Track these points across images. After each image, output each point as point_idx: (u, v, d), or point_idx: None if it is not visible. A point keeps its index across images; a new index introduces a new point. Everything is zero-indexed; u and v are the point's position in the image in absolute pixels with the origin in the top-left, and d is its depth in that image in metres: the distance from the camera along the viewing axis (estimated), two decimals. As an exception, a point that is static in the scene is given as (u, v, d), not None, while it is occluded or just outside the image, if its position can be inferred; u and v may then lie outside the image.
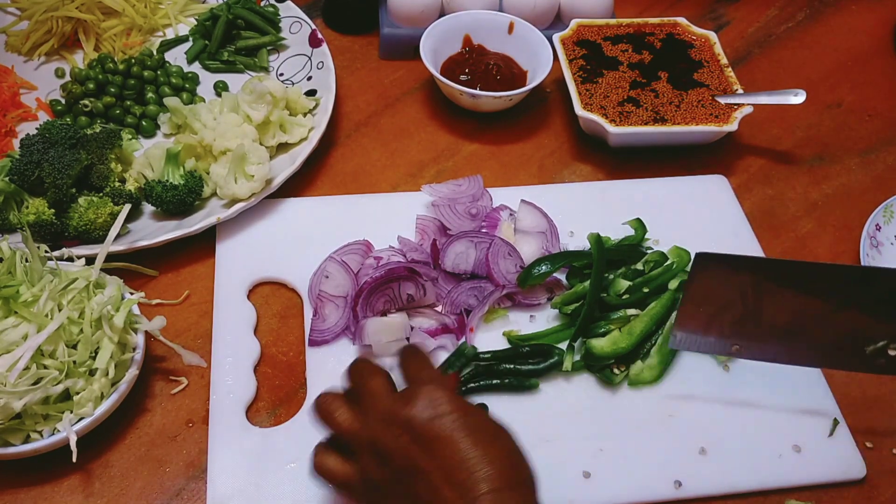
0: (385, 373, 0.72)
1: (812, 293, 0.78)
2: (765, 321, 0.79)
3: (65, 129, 0.97)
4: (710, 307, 0.79)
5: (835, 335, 0.80)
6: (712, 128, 1.11)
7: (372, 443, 0.66)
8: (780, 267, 0.79)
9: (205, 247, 0.99)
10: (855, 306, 0.78)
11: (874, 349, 0.80)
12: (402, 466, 0.64)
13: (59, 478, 0.81)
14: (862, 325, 0.79)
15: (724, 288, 0.78)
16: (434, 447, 0.63)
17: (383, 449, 0.65)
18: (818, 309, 0.78)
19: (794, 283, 0.78)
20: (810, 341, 0.80)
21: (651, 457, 0.85)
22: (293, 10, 1.25)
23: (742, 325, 0.80)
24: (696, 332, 0.80)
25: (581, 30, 1.23)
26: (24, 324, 0.79)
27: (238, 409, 0.85)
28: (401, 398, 0.67)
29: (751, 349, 0.81)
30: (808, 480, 0.85)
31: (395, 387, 0.71)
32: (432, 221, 1.01)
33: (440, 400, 0.65)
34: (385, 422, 0.66)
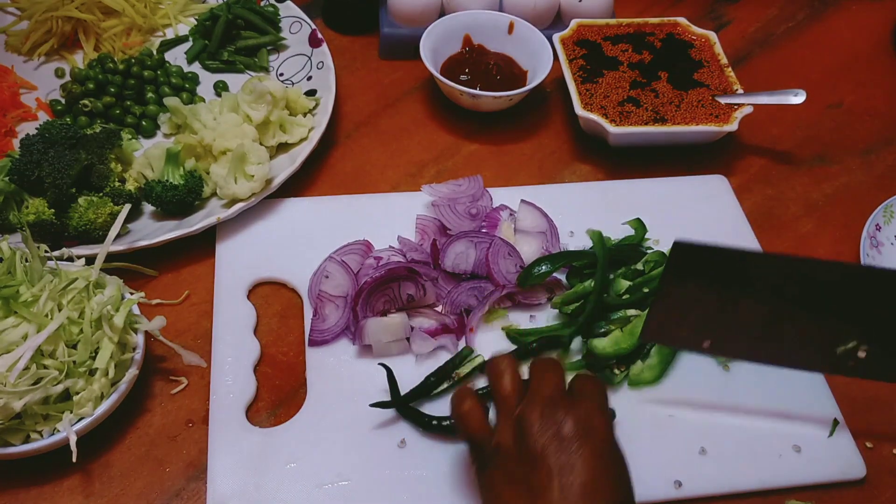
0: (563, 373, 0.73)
1: (787, 290, 0.77)
2: (738, 317, 0.78)
3: (65, 129, 0.97)
4: (685, 299, 0.78)
5: (806, 335, 0.79)
6: (712, 128, 1.11)
7: (521, 418, 0.68)
8: (757, 260, 0.77)
9: (205, 247, 0.99)
10: (828, 305, 0.77)
11: (844, 350, 0.80)
12: (534, 453, 0.66)
13: (59, 478, 0.81)
14: (833, 325, 0.78)
15: (700, 279, 0.76)
16: (569, 457, 0.65)
17: (528, 430, 0.67)
18: (791, 307, 0.78)
19: (770, 277, 0.77)
20: (781, 340, 0.80)
21: (651, 457, 0.85)
22: (293, 10, 1.25)
23: (715, 321, 0.79)
24: (670, 324, 0.79)
25: (581, 30, 1.23)
26: (24, 324, 0.79)
27: (238, 409, 0.86)
28: (568, 398, 0.69)
29: (722, 346, 0.80)
30: (808, 480, 0.85)
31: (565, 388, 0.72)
32: (432, 221, 1.01)
33: (598, 420, 0.68)
34: (543, 409, 0.68)
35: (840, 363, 0.81)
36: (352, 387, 0.88)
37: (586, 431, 0.66)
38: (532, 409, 0.68)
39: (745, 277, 0.77)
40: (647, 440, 0.86)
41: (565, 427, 0.66)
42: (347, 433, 0.85)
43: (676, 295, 0.78)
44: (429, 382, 0.87)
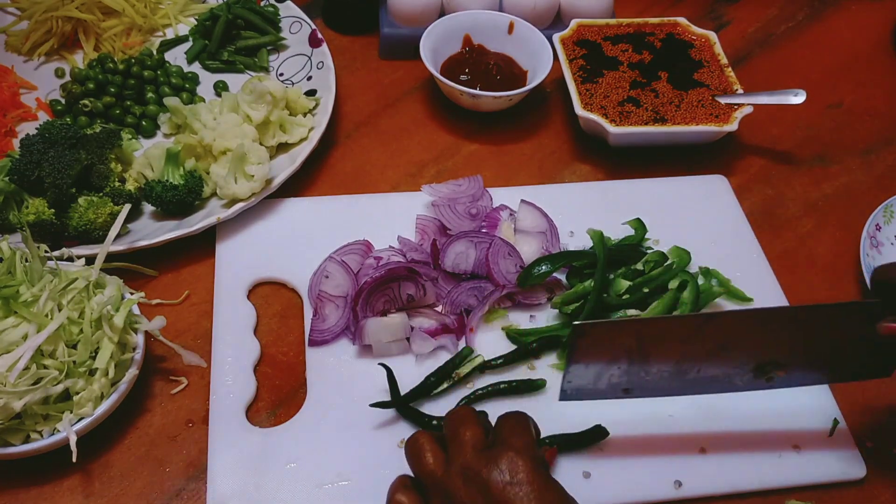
0: (481, 426, 0.72)
1: (694, 339, 0.78)
2: (652, 369, 0.79)
3: (65, 129, 0.97)
4: (597, 365, 0.79)
5: (723, 367, 0.80)
6: (712, 128, 1.11)
7: (447, 491, 0.67)
8: (658, 324, 0.79)
9: (205, 247, 0.99)
10: (741, 343, 0.79)
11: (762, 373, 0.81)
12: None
13: (59, 478, 0.81)
14: (745, 357, 0.80)
15: (607, 349, 0.77)
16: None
17: (456, 501, 0.66)
18: (703, 351, 0.79)
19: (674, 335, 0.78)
20: (699, 375, 0.81)
21: (651, 457, 0.85)
22: (293, 10, 1.25)
23: (630, 374, 0.80)
24: (586, 386, 0.80)
25: (581, 30, 1.23)
26: (24, 324, 0.79)
27: (238, 409, 0.85)
28: (484, 456, 0.67)
29: (642, 390, 0.81)
30: (808, 480, 0.85)
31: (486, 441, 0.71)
32: (432, 221, 1.01)
33: (520, 469, 0.66)
34: (463, 475, 0.67)
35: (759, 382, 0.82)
36: (352, 387, 0.88)
37: (512, 485, 0.65)
38: (454, 479, 0.67)
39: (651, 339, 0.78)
40: (647, 440, 0.86)
41: (489, 487, 0.65)
42: (347, 433, 0.85)
43: (586, 365, 0.78)
44: (429, 382, 0.87)
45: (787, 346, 0.80)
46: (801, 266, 1.05)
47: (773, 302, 0.99)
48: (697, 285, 0.94)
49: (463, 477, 0.67)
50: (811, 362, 0.82)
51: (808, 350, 0.80)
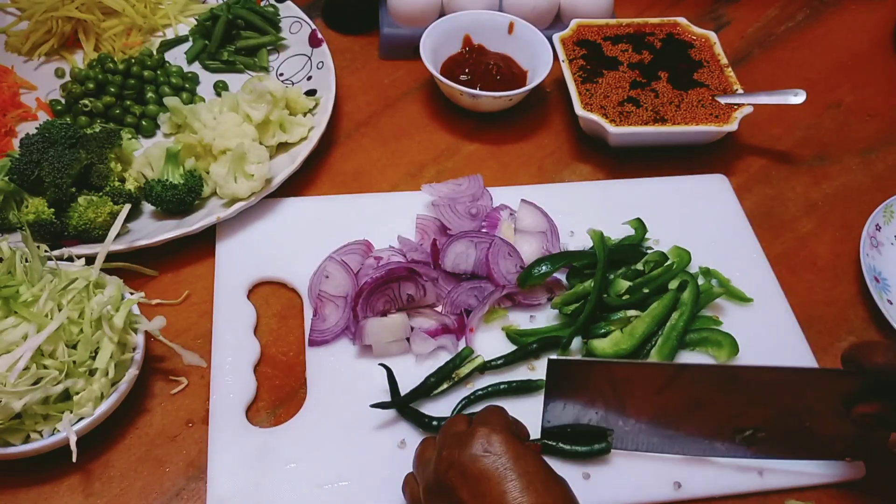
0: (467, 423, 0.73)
1: (668, 392, 0.78)
2: (630, 419, 0.79)
3: (65, 129, 0.97)
4: (575, 405, 0.79)
5: (701, 427, 0.80)
6: (712, 128, 1.11)
7: (429, 478, 0.69)
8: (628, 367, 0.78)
9: (205, 246, 0.99)
10: (715, 401, 0.78)
11: (742, 438, 0.81)
12: (450, 502, 0.66)
13: (59, 478, 0.81)
14: (726, 416, 0.79)
15: (582, 389, 0.77)
16: (479, 485, 0.65)
17: (435, 483, 0.68)
18: (678, 405, 0.78)
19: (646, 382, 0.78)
20: (679, 433, 0.81)
21: (651, 457, 0.84)
22: (293, 10, 1.25)
23: (609, 422, 0.80)
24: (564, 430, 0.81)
25: (581, 30, 1.23)
26: (24, 324, 0.79)
27: (238, 409, 0.85)
28: (460, 437, 0.69)
29: (624, 441, 0.81)
30: (808, 480, 0.85)
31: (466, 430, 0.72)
32: (432, 221, 1.01)
33: (494, 441, 0.67)
34: (440, 457, 0.68)
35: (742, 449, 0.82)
36: (352, 387, 0.88)
37: (486, 457, 0.66)
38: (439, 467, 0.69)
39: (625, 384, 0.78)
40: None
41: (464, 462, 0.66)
42: (347, 433, 0.85)
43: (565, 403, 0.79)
44: (429, 383, 0.87)
45: (761, 408, 0.78)
46: (801, 266, 1.05)
47: (773, 302, 0.99)
48: (697, 285, 0.94)
49: (444, 462, 0.68)
50: (789, 430, 0.80)
51: (783, 416, 0.79)
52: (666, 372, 0.77)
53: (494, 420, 0.71)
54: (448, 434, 0.71)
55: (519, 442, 0.68)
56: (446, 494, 0.67)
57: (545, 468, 0.67)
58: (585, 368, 0.77)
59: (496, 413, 0.73)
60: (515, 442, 0.68)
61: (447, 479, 0.67)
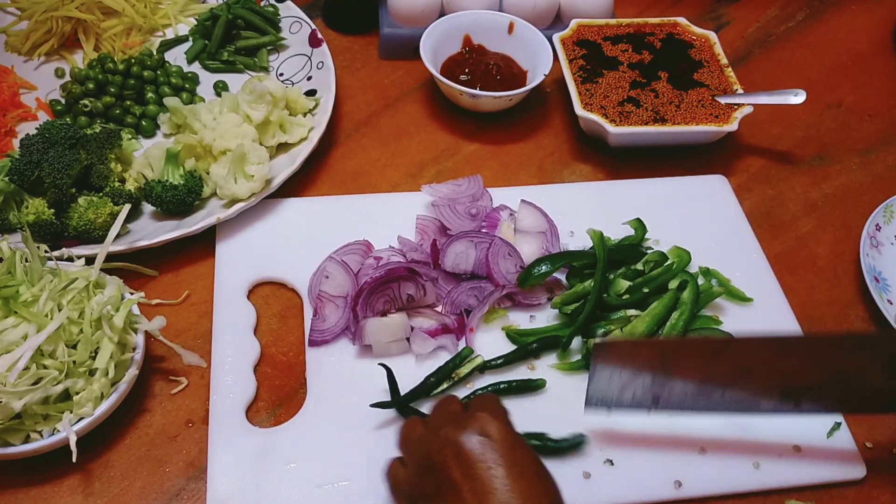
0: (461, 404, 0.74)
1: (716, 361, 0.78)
2: (675, 388, 0.80)
3: (65, 129, 0.97)
4: (620, 381, 0.79)
5: (749, 391, 0.80)
6: (712, 128, 1.11)
7: (420, 454, 0.69)
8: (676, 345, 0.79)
9: (205, 247, 0.99)
10: (763, 368, 0.78)
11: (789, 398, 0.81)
12: (441, 480, 0.66)
13: (59, 478, 0.81)
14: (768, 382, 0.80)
15: (629, 367, 0.78)
16: (472, 468, 0.65)
17: (426, 460, 0.68)
18: (726, 373, 0.79)
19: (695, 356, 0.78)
20: (724, 397, 0.81)
21: (651, 457, 0.85)
22: (293, 10, 1.25)
23: (655, 390, 0.80)
24: (610, 399, 0.81)
25: (581, 30, 1.23)
26: (24, 324, 0.79)
27: (238, 409, 0.85)
28: (458, 418, 0.70)
29: (668, 406, 0.81)
30: (808, 480, 0.85)
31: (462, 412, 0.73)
32: (432, 221, 1.01)
33: (491, 427, 0.67)
34: (436, 435, 0.69)
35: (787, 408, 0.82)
36: (352, 387, 0.88)
37: (482, 441, 0.66)
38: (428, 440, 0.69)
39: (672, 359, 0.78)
40: (647, 440, 0.86)
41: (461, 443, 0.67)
42: (347, 433, 0.85)
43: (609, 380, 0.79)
44: (428, 383, 0.87)
45: (810, 372, 0.78)
46: (801, 266, 1.05)
47: (773, 302, 0.99)
48: (697, 285, 0.94)
49: (435, 436, 0.69)
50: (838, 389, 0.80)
51: (832, 377, 0.79)
52: (713, 346, 0.77)
53: (493, 406, 0.71)
54: (444, 413, 0.72)
55: (515, 432, 0.69)
56: (438, 472, 0.67)
57: (538, 461, 0.68)
58: (634, 348, 0.77)
59: (494, 400, 0.73)
60: (512, 431, 0.69)
61: (441, 457, 0.67)
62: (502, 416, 0.70)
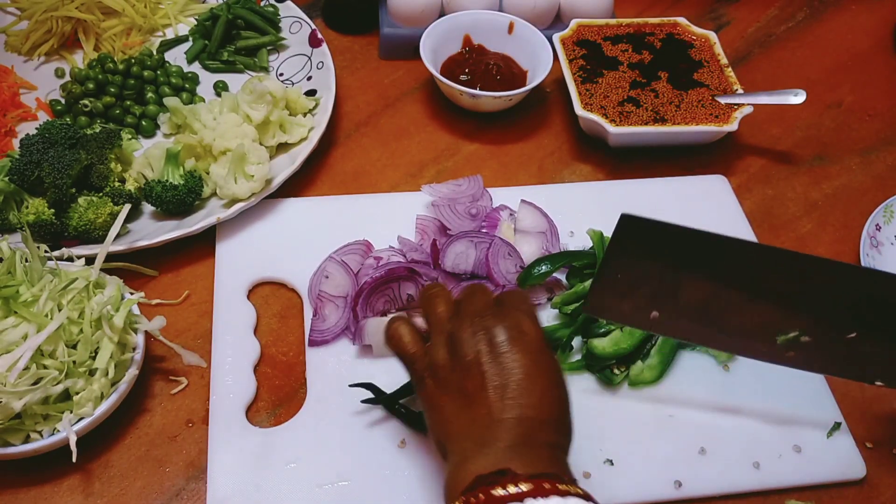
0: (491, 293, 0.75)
1: (730, 275, 0.77)
2: (682, 296, 0.78)
3: (65, 129, 0.97)
4: (629, 274, 0.77)
5: (747, 322, 0.79)
6: (712, 128, 1.11)
7: (452, 333, 0.70)
8: (704, 240, 0.76)
9: (205, 247, 0.99)
10: (771, 294, 0.77)
11: (785, 339, 0.80)
12: (467, 362, 0.68)
13: (59, 478, 0.81)
14: (775, 314, 0.78)
15: (645, 254, 0.76)
16: (501, 359, 0.67)
17: (459, 340, 0.69)
18: (733, 293, 0.78)
19: (714, 258, 0.76)
20: (723, 325, 0.80)
21: (651, 457, 0.85)
22: (293, 10, 1.25)
23: (659, 298, 0.79)
24: (613, 299, 0.79)
25: (581, 30, 1.23)
26: (24, 324, 0.79)
27: (238, 409, 0.86)
28: (496, 309, 0.71)
29: (666, 324, 0.80)
30: (808, 480, 0.85)
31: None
32: (432, 221, 1.01)
33: (527, 325, 0.70)
34: (472, 320, 0.70)
35: (780, 353, 0.81)
36: (352, 387, 0.88)
37: (516, 336, 0.68)
38: (462, 322, 0.71)
39: (690, 256, 0.77)
40: (647, 440, 0.86)
41: (495, 333, 0.69)
42: (347, 433, 0.85)
43: (621, 269, 0.78)
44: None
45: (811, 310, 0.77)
46: (801, 266, 1.05)
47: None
48: (697, 285, 0.94)
49: (470, 320, 0.70)
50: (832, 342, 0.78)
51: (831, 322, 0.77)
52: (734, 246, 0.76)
53: (527, 308, 0.72)
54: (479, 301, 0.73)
55: (545, 336, 0.71)
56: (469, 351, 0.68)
57: (559, 369, 0.70)
58: (659, 227, 0.76)
59: (527, 299, 0.74)
60: (543, 335, 0.71)
61: (474, 340, 0.69)
62: (535, 318, 0.71)
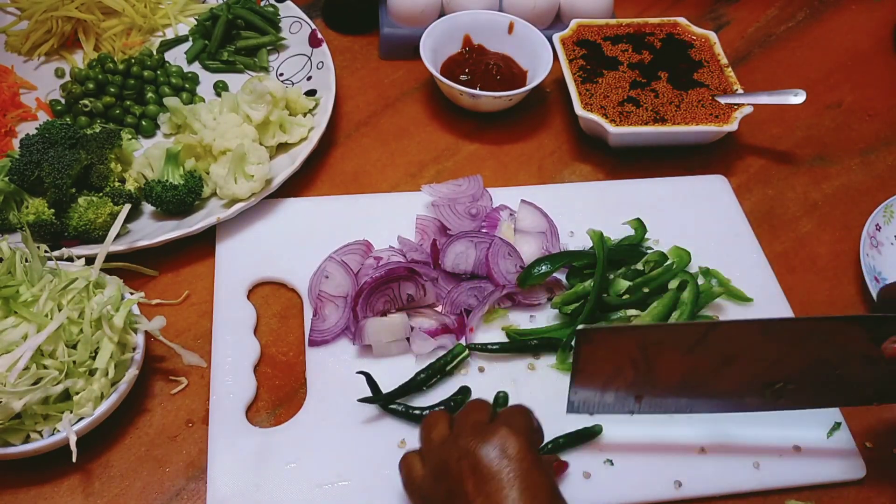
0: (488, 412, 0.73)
1: (698, 352, 0.77)
2: (658, 380, 0.79)
3: (65, 129, 0.97)
4: (603, 374, 0.78)
5: (730, 385, 0.80)
6: (712, 128, 1.11)
7: (439, 458, 0.69)
8: (660, 330, 0.77)
9: (205, 247, 0.99)
10: (743, 358, 0.78)
11: (772, 391, 0.80)
12: (454, 489, 0.67)
13: (59, 478, 0.81)
14: (755, 372, 0.79)
15: (612, 356, 0.77)
16: (486, 484, 0.65)
17: (443, 466, 0.68)
18: (709, 363, 0.78)
19: (678, 344, 0.77)
20: (708, 392, 0.80)
21: (651, 457, 0.85)
22: (293, 10, 1.25)
23: (638, 386, 0.79)
24: (593, 397, 0.79)
25: (581, 30, 1.23)
26: (24, 324, 0.79)
27: (238, 409, 0.85)
28: (481, 429, 0.69)
29: (651, 405, 0.81)
30: (808, 480, 0.85)
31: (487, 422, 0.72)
32: (432, 221, 1.01)
33: (512, 444, 0.67)
34: (456, 443, 0.69)
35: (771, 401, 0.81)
36: (352, 387, 0.87)
37: (498, 460, 0.66)
38: (447, 446, 0.70)
39: (654, 346, 0.77)
40: (647, 440, 0.86)
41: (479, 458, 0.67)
42: (347, 433, 0.85)
43: (593, 371, 0.78)
44: (418, 379, 0.87)
45: (793, 360, 0.78)
46: (801, 266, 1.05)
47: (773, 302, 0.99)
48: (697, 285, 0.94)
49: (454, 444, 0.69)
50: (820, 380, 0.80)
51: (815, 366, 0.79)
52: (698, 330, 0.77)
53: (518, 423, 0.70)
54: (468, 422, 0.71)
55: (535, 453, 0.68)
56: (453, 481, 0.67)
57: (553, 486, 0.68)
58: (615, 335, 0.76)
59: (523, 415, 0.72)
60: (532, 452, 0.68)
61: (457, 467, 0.67)
62: (525, 434, 0.69)
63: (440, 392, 0.88)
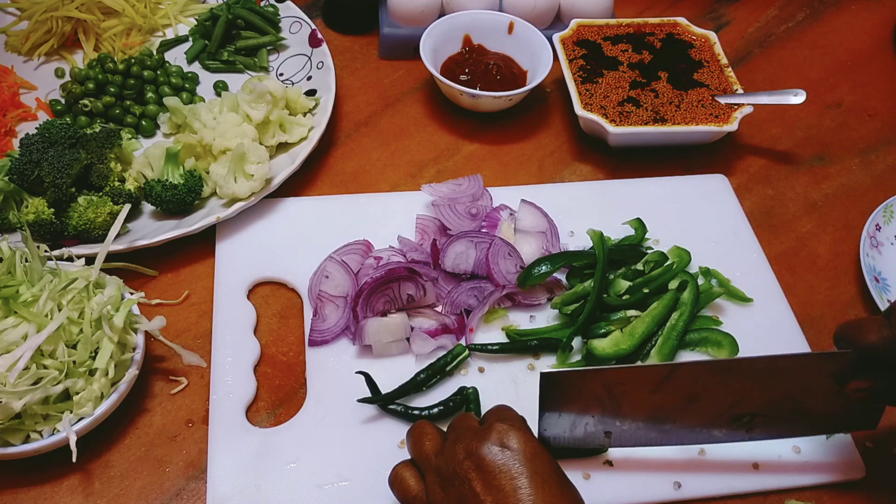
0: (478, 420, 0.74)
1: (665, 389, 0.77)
2: (625, 416, 0.79)
3: (64, 129, 0.97)
4: (570, 414, 0.78)
5: (697, 418, 0.80)
6: (712, 128, 1.11)
7: (440, 467, 0.69)
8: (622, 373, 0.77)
9: (205, 246, 0.99)
10: (710, 393, 0.78)
11: (740, 424, 0.80)
12: (464, 492, 0.66)
13: (59, 478, 0.81)
14: (722, 407, 0.79)
15: (578, 396, 0.77)
16: (494, 479, 0.66)
17: (447, 472, 0.68)
18: (675, 401, 0.78)
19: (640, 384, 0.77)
20: (676, 425, 0.80)
21: (651, 457, 0.85)
22: (293, 10, 1.25)
23: (606, 423, 0.79)
24: (563, 433, 0.79)
25: (581, 30, 1.23)
26: (24, 324, 0.79)
27: (238, 409, 0.85)
28: (476, 431, 0.70)
29: (622, 438, 0.81)
30: (807, 481, 0.85)
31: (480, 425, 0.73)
32: (432, 221, 1.01)
33: (511, 436, 0.68)
34: (455, 448, 0.69)
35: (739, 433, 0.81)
36: (352, 387, 0.87)
37: (502, 452, 0.67)
38: (447, 454, 0.69)
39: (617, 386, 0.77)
40: (646, 440, 0.86)
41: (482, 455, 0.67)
42: (347, 433, 0.85)
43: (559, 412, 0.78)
44: (418, 379, 0.87)
45: (758, 395, 0.78)
46: (801, 266, 1.05)
47: (773, 302, 0.99)
48: (697, 285, 0.94)
49: (460, 454, 0.69)
50: (786, 413, 0.80)
51: (780, 400, 0.79)
52: (660, 372, 0.77)
53: (509, 415, 0.71)
54: (462, 428, 0.72)
55: (535, 440, 0.69)
56: (460, 485, 0.67)
57: (559, 470, 0.68)
58: (579, 377, 0.76)
59: (510, 409, 0.73)
60: (532, 439, 0.69)
61: (462, 470, 0.67)
62: (520, 426, 0.70)
63: (440, 392, 0.88)
